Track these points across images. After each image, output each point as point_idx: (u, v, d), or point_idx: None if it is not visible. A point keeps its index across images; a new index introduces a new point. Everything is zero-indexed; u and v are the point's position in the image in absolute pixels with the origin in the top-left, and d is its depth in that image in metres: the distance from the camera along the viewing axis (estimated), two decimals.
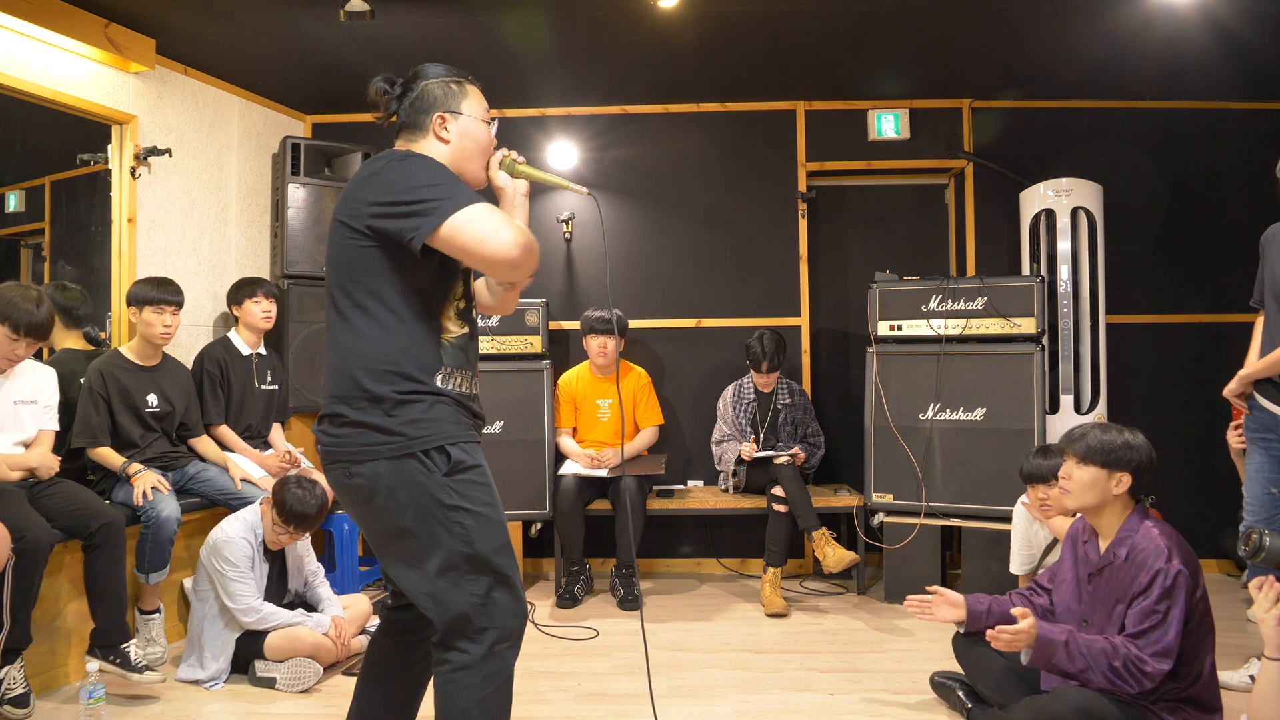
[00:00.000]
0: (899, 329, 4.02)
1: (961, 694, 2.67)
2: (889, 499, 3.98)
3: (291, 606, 3.16)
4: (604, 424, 4.29)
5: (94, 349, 3.44)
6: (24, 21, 3.09)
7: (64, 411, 3.09)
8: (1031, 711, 2.17)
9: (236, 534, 3.02)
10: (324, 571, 3.36)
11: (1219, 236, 4.50)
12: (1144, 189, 4.48)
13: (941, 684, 2.78)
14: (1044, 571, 2.60)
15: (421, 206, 1.64)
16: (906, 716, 2.71)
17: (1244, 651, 3.07)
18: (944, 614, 2.54)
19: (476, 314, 1.97)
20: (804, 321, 4.65)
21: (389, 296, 1.73)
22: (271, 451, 3.84)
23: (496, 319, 4.16)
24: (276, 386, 3.93)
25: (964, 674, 2.67)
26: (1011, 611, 2.20)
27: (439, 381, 1.75)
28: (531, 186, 1.95)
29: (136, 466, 3.18)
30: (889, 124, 4.58)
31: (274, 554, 3.15)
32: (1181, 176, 4.50)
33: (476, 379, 1.88)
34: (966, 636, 2.62)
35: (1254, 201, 4.27)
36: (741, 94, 4.59)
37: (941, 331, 3.94)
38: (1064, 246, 4.14)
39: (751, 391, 4.30)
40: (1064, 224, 4.13)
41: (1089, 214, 4.14)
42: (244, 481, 3.47)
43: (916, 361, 3.97)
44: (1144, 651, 2.04)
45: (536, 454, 4.14)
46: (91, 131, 3.56)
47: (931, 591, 2.56)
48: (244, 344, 3.80)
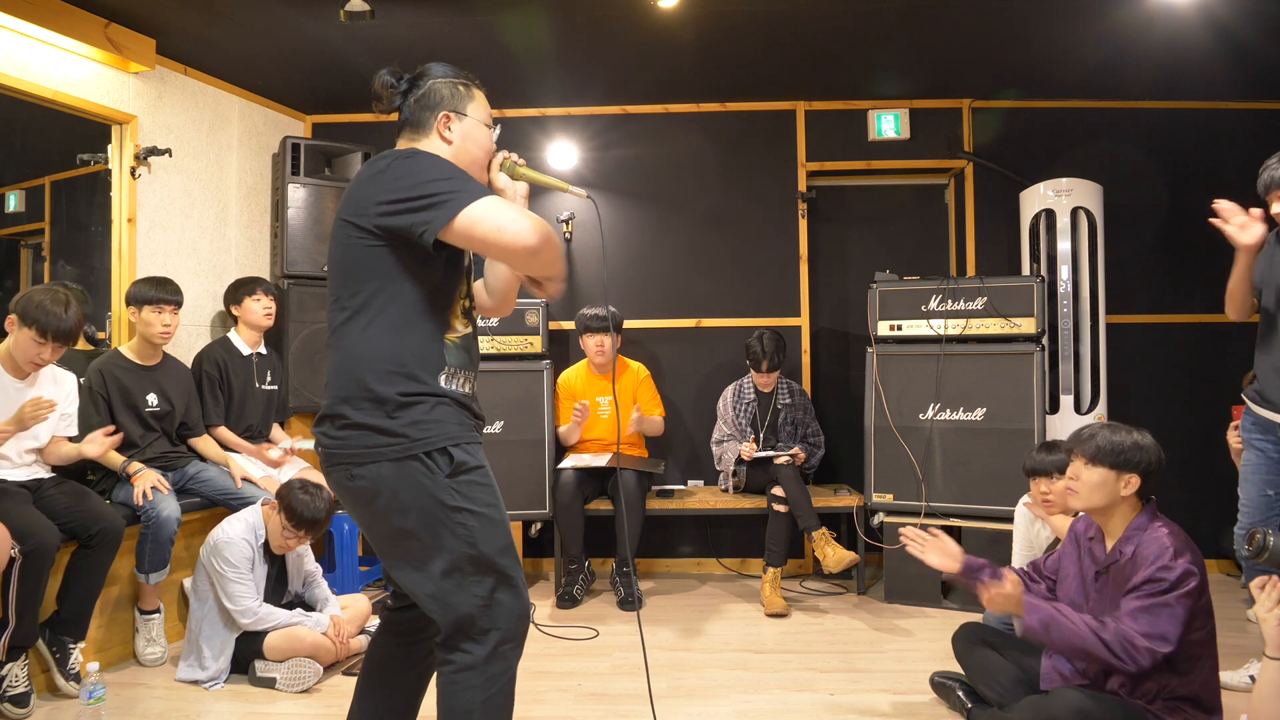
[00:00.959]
0: (899, 329, 4.02)
1: (961, 694, 2.67)
2: (889, 499, 3.98)
3: (290, 606, 3.16)
4: (604, 421, 4.29)
5: (93, 349, 3.43)
6: (24, 21, 3.09)
7: None
8: (1031, 711, 2.17)
9: (237, 535, 3.02)
10: (323, 571, 3.36)
11: (1219, 236, 4.44)
12: (1144, 189, 4.48)
13: (941, 684, 2.78)
14: (1045, 557, 2.54)
15: (433, 200, 1.63)
16: (906, 716, 2.71)
17: (1244, 651, 3.07)
18: (934, 559, 2.39)
19: (476, 314, 1.97)
20: (804, 321, 4.65)
21: (395, 296, 1.72)
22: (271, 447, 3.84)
23: (496, 319, 4.16)
24: (276, 386, 3.93)
25: (964, 674, 2.67)
26: (1002, 570, 2.19)
27: (443, 381, 1.75)
28: (531, 188, 1.95)
29: (137, 466, 3.18)
30: (889, 124, 4.58)
31: (274, 555, 3.15)
32: (1181, 176, 4.49)
33: (475, 379, 1.88)
34: (967, 637, 2.62)
35: (1254, 201, 4.25)
36: (741, 94, 4.59)
37: (941, 331, 3.94)
38: (1064, 246, 4.14)
39: (751, 391, 4.30)
40: (1064, 224, 4.13)
41: (1089, 214, 4.14)
42: (244, 481, 3.47)
43: (916, 361, 3.97)
44: (1136, 630, 2.01)
45: (536, 454, 4.14)
46: (91, 131, 3.56)
47: (933, 534, 2.44)
48: (244, 344, 3.80)
